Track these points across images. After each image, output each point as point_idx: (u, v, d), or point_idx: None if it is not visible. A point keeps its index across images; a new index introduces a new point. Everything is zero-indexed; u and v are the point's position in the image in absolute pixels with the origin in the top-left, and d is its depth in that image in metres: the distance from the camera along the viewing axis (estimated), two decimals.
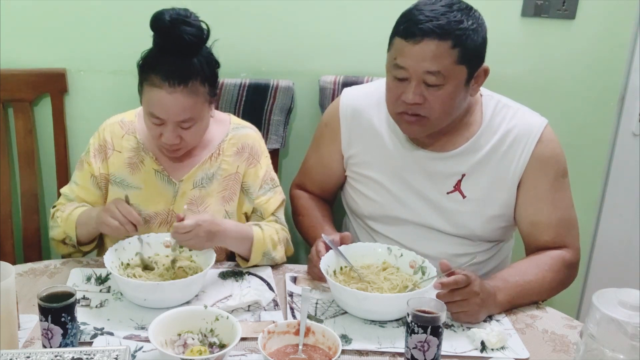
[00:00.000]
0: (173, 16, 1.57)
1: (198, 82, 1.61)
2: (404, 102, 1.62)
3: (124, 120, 1.79)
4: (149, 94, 1.61)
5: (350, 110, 1.83)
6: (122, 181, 1.75)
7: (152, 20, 1.59)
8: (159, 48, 1.61)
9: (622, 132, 2.36)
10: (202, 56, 1.62)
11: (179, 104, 1.59)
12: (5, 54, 2.12)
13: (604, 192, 2.44)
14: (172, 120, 1.62)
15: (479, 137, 1.72)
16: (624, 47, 2.26)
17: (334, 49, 2.21)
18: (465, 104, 1.69)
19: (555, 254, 1.69)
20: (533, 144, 1.70)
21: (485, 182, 1.73)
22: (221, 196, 1.76)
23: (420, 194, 1.77)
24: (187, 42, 1.58)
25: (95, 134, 1.80)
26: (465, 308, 1.51)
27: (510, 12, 2.20)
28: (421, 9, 1.58)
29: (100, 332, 1.44)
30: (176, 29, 1.56)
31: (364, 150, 1.82)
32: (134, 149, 1.76)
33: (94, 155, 1.77)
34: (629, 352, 1.19)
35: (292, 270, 1.76)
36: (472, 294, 1.50)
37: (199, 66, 1.61)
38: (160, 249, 1.66)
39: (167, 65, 1.58)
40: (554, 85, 2.28)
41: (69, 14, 2.12)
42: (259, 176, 1.78)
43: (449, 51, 1.56)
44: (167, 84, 1.58)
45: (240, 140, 1.79)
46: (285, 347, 1.38)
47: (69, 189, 1.81)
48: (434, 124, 1.65)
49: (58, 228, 1.73)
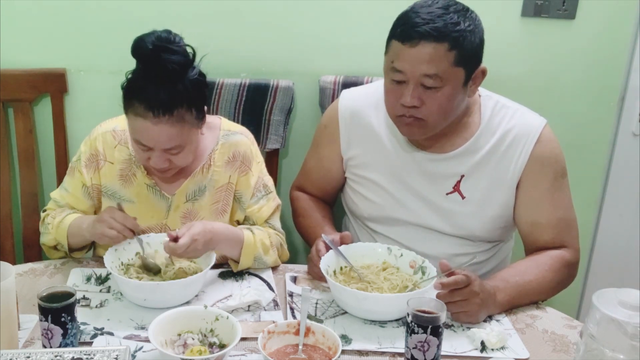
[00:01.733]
0: (155, 43, 1.49)
1: (184, 109, 1.54)
2: (402, 105, 1.62)
3: (117, 129, 1.72)
4: (133, 122, 1.56)
5: (349, 112, 1.83)
6: (114, 193, 1.72)
7: (133, 47, 1.52)
8: (142, 74, 1.54)
9: (622, 132, 2.36)
10: (187, 80, 1.54)
11: (164, 133, 1.54)
12: (5, 54, 2.12)
13: (604, 192, 2.43)
14: (159, 148, 1.57)
15: (478, 137, 1.72)
16: (624, 47, 2.26)
17: (334, 49, 2.21)
18: (463, 105, 1.69)
19: (555, 254, 1.69)
20: (532, 144, 1.70)
21: (484, 182, 1.73)
22: (214, 208, 1.74)
23: (420, 195, 1.77)
24: (170, 70, 1.50)
25: (86, 141, 1.74)
26: (466, 308, 1.51)
27: (510, 12, 2.20)
28: (417, 12, 1.58)
29: (100, 332, 1.44)
30: (159, 57, 1.49)
31: (363, 152, 1.82)
32: (126, 161, 1.71)
33: (86, 164, 1.72)
34: (629, 352, 1.19)
35: (292, 270, 1.76)
36: (472, 294, 1.50)
37: (184, 92, 1.53)
38: (160, 248, 1.66)
39: (151, 94, 1.51)
40: (554, 85, 2.28)
41: (69, 14, 2.12)
42: (250, 185, 1.75)
43: (446, 53, 1.56)
44: (151, 113, 1.51)
45: (231, 148, 1.74)
46: (285, 347, 1.38)
47: (59, 195, 1.77)
48: (432, 125, 1.65)
49: (49, 235, 1.70)
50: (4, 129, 2.16)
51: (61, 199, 1.76)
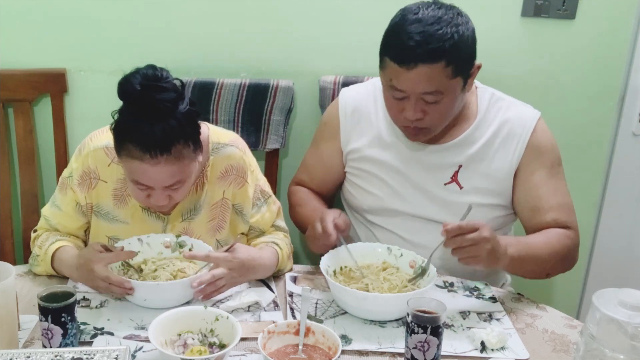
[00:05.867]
0: (143, 83, 1.42)
1: (181, 145, 1.46)
2: (406, 119, 1.65)
3: (109, 145, 1.58)
4: (130, 165, 1.48)
5: (350, 107, 1.86)
6: (107, 213, 1.66)
7: (119, 89, 1.44)
8: (132, 114, 1.45)
9: (622, 132, 2.36)
10: (179, 114, 1.45)
11: (164, 172, 1.48)
12: (5, 54, 2.12)
13: (604, 192, 2.44)
14: (160, 187, 1.52)
15: (475, 128, 1.76)
16: (624, 47, 2.26)
17: (334, 49, 2.22)
18: (463, 102, 1.72)
19: (560, 230, 1.73)
20: (528, 134, 1.74)
21: (481, 172, 1.76)
22: (210, 226, 1.70)
23: (418, 186, 1.79)
24: (162, 109, 1.43)
25: (77, 156, 1.65)
26: (475, 253, 1.49)
27: (510, 12, 2.20)
28: (410, 33, 1.56)
29: (100, 332, 1.44)
30: (148, 97, 1.42)
31: (362, 145, 1.84)
32: (120, 180, 1.64)
33: (79, 183, 1.64)
34: (629, 352, 1.19)
35: (292, 270, 1.76)
36: (482, 239, 1.48)
37: (178, 128, 1.44)
38: (160, 249, 1.66)
39: (144, 135, 1.43)
40: (554, 85, 2.29)
41: (69, 14, 2.12)
42: (249, 196, 1.72)
43: (444, 70, 1.58)
44: (148, 155, 1.44)
45: (223, 162, 1.68)
46: (285, 347, 1.38)
47: (50, 213, 1.69)
48: (436, 129, 1.71)
49: (39, 267, 1.64)
50: (4, 129, 2.16)
51: (52, 217, 1.69)
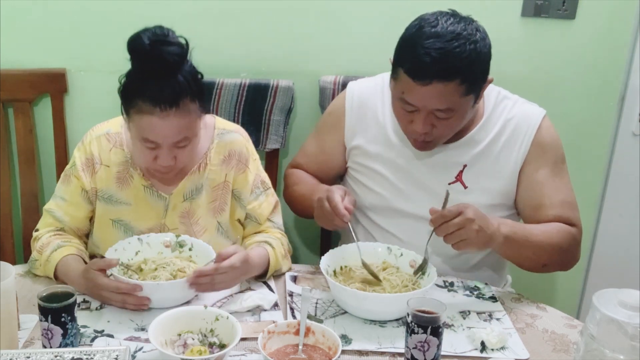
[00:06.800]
0: (152, 38, 1.50)
1: (188, 99, 1.54)
2: (414, 131, 1.65)
3: (110, 132, 1.70)
4: (139, 121, 1.55)
5: (357, 101, 1.85)
6: (110, 197, 1.69)
7: (129, 44, 1.51)
8: (140, 72, 1.54)
9: (622, 132, 2.36)
10: (185, 72, 1.54)
11: (173, 126, 1.54)
12: (5, 54, 2.12)
13: (604, 192, 2.44)
14: (168, 143, 1.57)
15: (480, 128, 1.75)
16: (624, 47, 2.26)
17: (334, 49, 2.21)
18: (472, 115, 1.71)
19: (562, 224, 1.72)
20: (533, 132, 1.74)
21: (486, 172, 1.75)
22: (211, 207, 1.73)
23: (422, 185, 1.78)
24: (170, 62, 1.51)
25: (79, 147, 1.71)
26: (463, 236, 1.50)
27: (510, 12, 2.20)
28: (427, 49, 1.53)
29: (100, 335, 1.44)
30: (157, 50, 1.49)
31: (367, 142, 1.83)
32: (122, 163, 1.69)
33: (82, 169, 1.68)
34: (629, 352, 1.19)
35: (292, 270, 1.76)
36: (467, 220, 1.50)
37: (185, 83, 1.53)
38: (160, 248, 1.66)
39: (154, 89, 1.51)
40: (554, 85, 2.29)
41: (69, 14, 2.12)
42: (249, 181, 1.75)
43: (457, 87, 1.56)
44: (158, 109, 1.51)
45: (227, 147, 1.74)
46: (285, 347, 1.38)
47: (55, 206, 1.71)
48: (442, 141, 1.71)
49: (37, 270, 1.65)
50: (4, 129, 2.16)
51: (57, 209, 1.70)
